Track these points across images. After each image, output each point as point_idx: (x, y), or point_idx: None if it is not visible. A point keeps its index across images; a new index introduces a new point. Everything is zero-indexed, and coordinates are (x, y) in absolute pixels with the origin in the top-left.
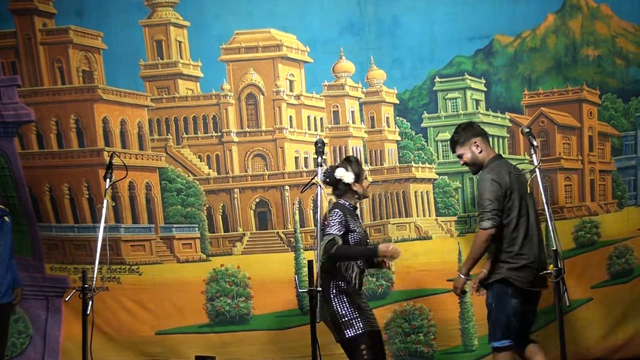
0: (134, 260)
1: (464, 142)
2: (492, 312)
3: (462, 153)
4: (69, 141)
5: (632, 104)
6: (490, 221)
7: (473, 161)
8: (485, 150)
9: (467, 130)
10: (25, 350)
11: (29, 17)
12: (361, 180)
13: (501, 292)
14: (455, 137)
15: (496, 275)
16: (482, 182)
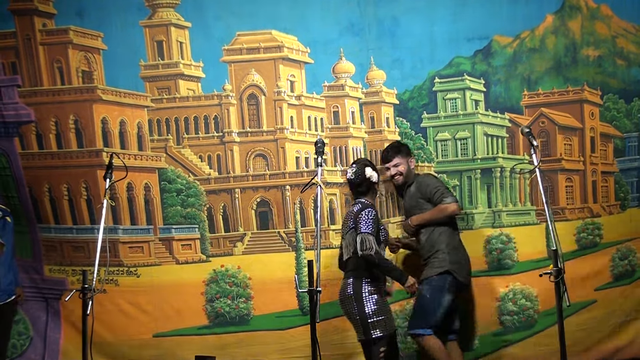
0: (132, 262)
1: (404, 156)
2: (425, 301)
3: (399, 163)
4: (68, 142)
5: (634, 104)
6: (453, 198)
7: (407, 174)
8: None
9: (406, 148)
10: (26, 351)
11: (29, 17)
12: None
13: (439, 284)
14: (397, 147)
15: (439, 268)
16: (425, 178)
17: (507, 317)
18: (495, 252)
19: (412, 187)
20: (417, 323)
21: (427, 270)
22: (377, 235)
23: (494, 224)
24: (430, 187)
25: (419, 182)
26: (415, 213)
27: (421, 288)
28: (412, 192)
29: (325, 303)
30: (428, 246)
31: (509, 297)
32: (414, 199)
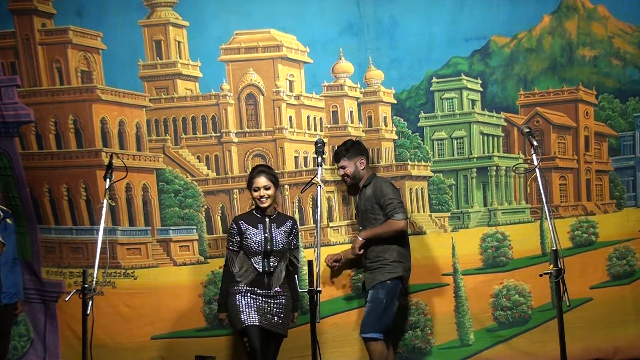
0: (130, 265)
1: (351, 157)
2: (380, 307)
3: (345, 165)
4: (68, 142)
5: (629, 104)
6: (404, 214)
7: (354, 175)
8: (367, 169)
9: (355, 148)
10: (26, 353)
11: (28, 17)
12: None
13: (394, 290)
14: (343, 150)
15: (393, 274)
16: (383, 184)
17: (501, 313)
18: (490, 249)
19: (368, 189)
20: (372, 327)
21: (377, 275)
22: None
23: (489, 223)
24: (385, 198)
25: (376, 186)
26: (368, 217)
27: (376, 292)
28: (367, 194)
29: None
30: (376, 252)
31: (502, 293)
32: (369, 202)
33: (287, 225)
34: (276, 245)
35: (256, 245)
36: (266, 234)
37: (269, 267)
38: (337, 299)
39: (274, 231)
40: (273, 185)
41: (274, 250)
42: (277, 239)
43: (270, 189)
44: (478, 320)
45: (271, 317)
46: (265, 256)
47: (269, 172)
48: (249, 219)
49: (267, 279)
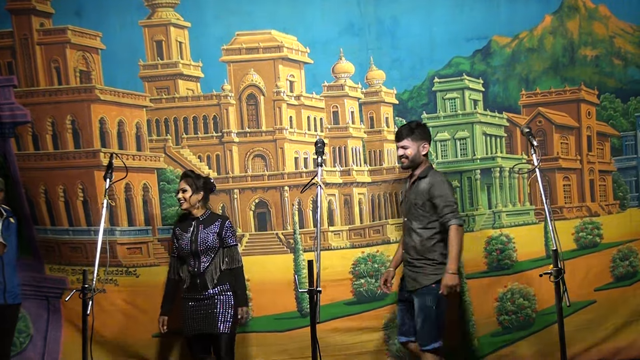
0: (131, 263)
1: (415, 139)
2: (432, 315)
3: (407, 146)
4: (65, 142)
5: (631, 104)
6: (460, 219)
7: (413, 159)
8: (426, 157)
9: (422, 130)
10: (25, 349)
11: (27, 16)
12: None
13: (438, 292)
14: (407, 129)
15: (438, 275)
16: (441, 182)
17: (506, 317)
18: (495, 252)
19: (423, 182)
20: (430, 337)
21: (421, 278)
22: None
23: (494, 225)
24: (443, 199)
25: (433, 183)
26: (416, 212)
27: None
28: (422, 188)
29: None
30: (421, 250)
31: (507, 297)
32: (421, 197)
33: (216, 225)
34: (201, 244)
35: (185, 247)
36: (192, 234)
37: (199, 267)
38: (339, 303)
39: (200, 231)
40: (191, 189)
41: (200, 250)
42: (202, 238)
43: (187, 192)
44: (482, 326)
45: (209, 320)
46: (195, 256)
47: (192, 176)
48: (183, 224)
49: (199, 280)
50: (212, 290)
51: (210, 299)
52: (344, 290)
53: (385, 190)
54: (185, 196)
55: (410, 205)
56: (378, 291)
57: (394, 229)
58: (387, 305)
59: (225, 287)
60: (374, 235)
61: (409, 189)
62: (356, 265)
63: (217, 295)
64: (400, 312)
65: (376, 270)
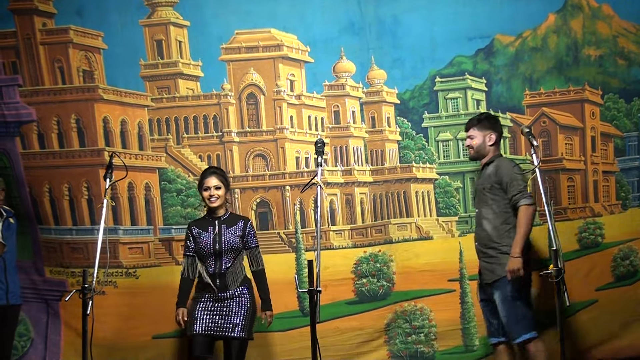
0: (132, 264)
1: (481, 129)
2: (515, 305)
3: (473, 135)
4: (70, 141)
5: (634, 104)
6: (530, 198)
7: (479, 149)
8: (495, 147)
9: (489, 121)
10: (26, 353)
11: (29, 17)
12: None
13: (523, 281)
14: (475, 120)
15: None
16: (507, 164)
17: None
18: None
19: (490, 167)
20: (521, 328)
21: (497, 268)
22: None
23: None
24: (510, 180)
25: (499, 165)
26: (485, 196)
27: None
28: (488, 172)
29: (326, 304)
30: (494, 238)
31: None
32: (488, 180)
33: (239, 226)
34: (226, 245)
35: (206, 246)
36: (215, 234)
37: (221, 268)
38: (340, 303)
39: (223, 231)
40: (223, 185)
41: (224, 250)
42: (226, 239)
43: (221, 189)
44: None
45: (224, 322)
46: (217, 257)
47: (220, 173)
48: (201, 223)
49: (219, 281)
50: (231, 292)
51: (227, 301)
52: (346, 289)
53: (387, 190)
54: (219, 193)
55: (479, 192)
56: (380, 290)
57: (396, 229)
58: (389, 305)
59: (244, 290)
60: (376, 235)
61: (478, 178)
62: (358, 265)
63: (235, 297)
64: (485, 313)
65: (378, 270)
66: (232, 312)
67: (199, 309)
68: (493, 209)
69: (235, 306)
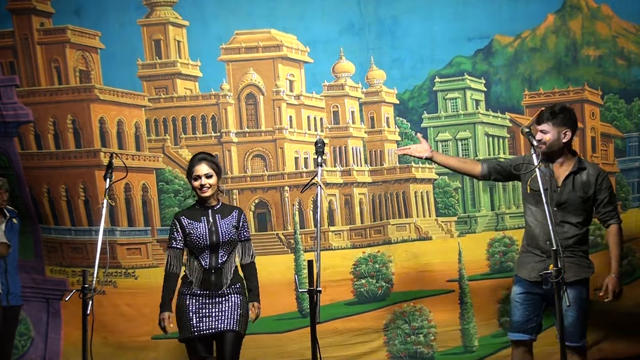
0: (130, 264)
1: (557, 124)
2: (586, 309)
3: (547, 130)
4: (66, 142)
5: (634, 104)
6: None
7: (551, 146)
8: (567, 145)
9: (566, 116)
10: (27, 352)
11: (27, 16)
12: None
13: (588, 288)
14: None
15: (589, 271)
16: (608, 183)
17: (507, 319)
18: (497, 255)
19: (583, 176)
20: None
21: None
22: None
23: (497, 227)
24: (608, 196)
25: (601, 175)
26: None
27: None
28: (583, 181)
29: (325, 305)
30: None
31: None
32: (584, 190)
33: (234, 216)
34: (223, 236)
35: (200, 239)
36: (210, 225)
37: (217, 262)
38: (339, 304)
39: (218, 222)
40: (215, 173)
41: (221, 242)
42: (223, 230)
43: (212, 177)
44: (483, 327)
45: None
46: (213, 250)
47: (211, 159)
48: (191, 213)
49: (215, 277)
50: (225, 289)
51: (221, 297)
52: (345, 290)
53: (386, 190)
54: (210, 182)
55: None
56: (379, 291)
57: (395, 229)
58: (388, 305)
59: (237, 285)
60: (375, 236)
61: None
62: (357, 266)
63: (230, 293)
64: (524, 308)
65: (377, 271)
66: (226, 309)
67: (190, 310)
68: (582, 216)
69: (229, 302)
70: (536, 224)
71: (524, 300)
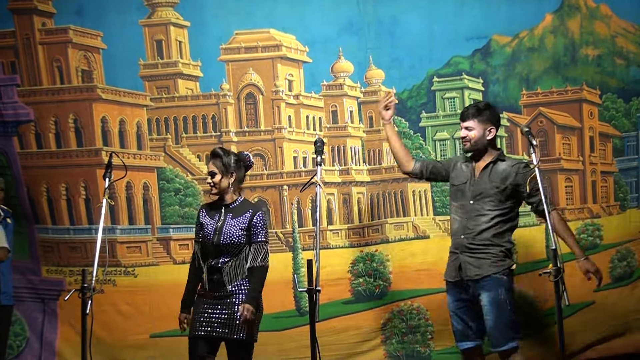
0: (130, 263)
1: (482, 121)
2: (506, 310)
3: (472, 127)
4: (68, 141)
5: (633, 104)
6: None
7: (476, 142)
8: (492, 142)
9: (490, 113)
10: (22, 352)
11: (29, 16)
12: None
13: (510, 283)
14: (474, 110)
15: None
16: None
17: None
18: None
19: (501, 166)
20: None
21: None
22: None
23: None
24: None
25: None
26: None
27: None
28: (499, 171)
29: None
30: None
31: None
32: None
33: (246, 217)
34: (224, 238)
35: (207, 237)
36: (218, 224)
37: (218, 263)
38: (336, 302)
39: (227, 222)
40: (219, 172)
41: (221, 245)
42: (227, 232)
43: (216, 175)
44: None
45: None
46: (217, 250)
47: (219, 155)
48: (210, 208)
49: (216, 278)
50: (230, 290)
51: (228, 300)
52: (342, 289)
53: (384, 190)
54: (214, 181)
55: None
56: (376, 290)
57: (393, 228)
58: (385, 304)
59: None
60: (373, 235)
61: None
62: (354, 265)
63: (237, 296)
64: (459, 315)
65: (374, 270)
66: (230, 313)
67: (199, 308)
68: (499, 207)
69: (234, 306)
70: (455, 220)
71: (457, 308)
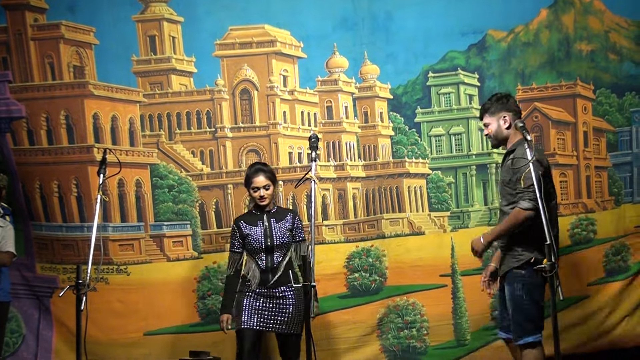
0: (122, 260)
1: (493, 113)
2: (521, 304)
3: (488, 123)
4: (59, 137)
5: (626, 99)
6: (532, 202)
7: (496, 134)
8: (513, 129)
9: (501, 102)
10: (18, 349)
11: (21, 12)
12: None
13: (529, 278)
14: (486, 105)
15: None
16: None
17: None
18: (490, 249)
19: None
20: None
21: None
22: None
23: (490, 222)
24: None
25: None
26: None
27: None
28: (508, 164)
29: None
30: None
31: None
32: (508, 173)
33: (288, 219)
34: (277, 239)
35: (256, 242)
36: (265, 229)
37: (272, 263)
38: (332, 297)
39: (273, 226)
40: (272, 183)
41: (275, 245)
42: (277, 234)
43: (270, 188)
44: (476, 321)
45: (275, 319)
46: (268, 252)
47: (267, 169)
48: (249, 218)
49: (271, 276)
50: (284, 288)
51: (281, 297)
52: (338, 284)
53: (380, 185)
54: (269, 193)
55: (500, 185)
56: (372, 285)
57: (388, 224)
58: (381, 299)
59: (294, 286)
60: (369, 230)
61: (501, 169)
62: (350, 260)
63: (286, 292)
64: (499, 306)
65: (370, 265)
66: (286, 308)
67: (246, 304)
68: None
69: (287, 302)
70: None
71: (499, 299)
